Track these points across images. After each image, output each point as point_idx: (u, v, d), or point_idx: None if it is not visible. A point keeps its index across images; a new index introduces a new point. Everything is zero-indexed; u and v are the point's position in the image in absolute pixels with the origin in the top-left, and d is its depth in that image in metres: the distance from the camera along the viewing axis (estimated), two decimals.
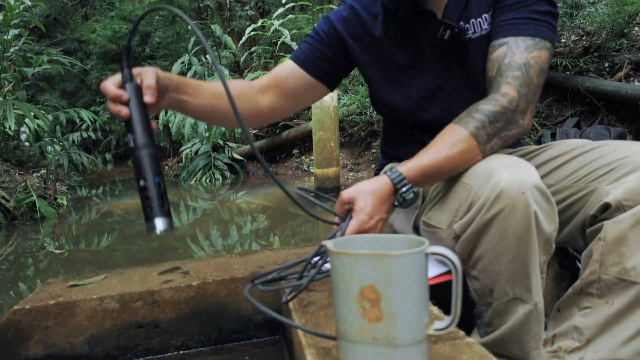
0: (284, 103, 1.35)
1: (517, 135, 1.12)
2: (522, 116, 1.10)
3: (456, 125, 1.08)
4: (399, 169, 1.05)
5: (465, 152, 1.05)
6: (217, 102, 1.21)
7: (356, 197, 1.04)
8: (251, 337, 1.31)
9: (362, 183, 1.06)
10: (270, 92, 1.34)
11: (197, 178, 6.74)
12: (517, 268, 0.99)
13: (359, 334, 0.71)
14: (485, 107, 1.08)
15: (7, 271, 2.87)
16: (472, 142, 1.05)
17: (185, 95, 1.16)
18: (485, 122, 1.06)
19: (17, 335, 1.18)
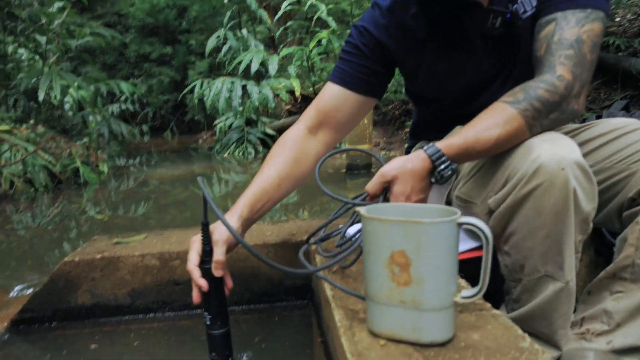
0: (339, 134, 1.26)
1: (569, 121, 1.08)
2: (576, 101, 1.03)
3: (507, 104, 1.02)
4: (438, 145, 1.02)
5: (513, 133, 1.00)
6: (285, 189, 1.17)
7: (398, 177, 1.01)
8: (281, 300, 1.37)
9: (399, 159, 1.03)
10: (323, 131, 1.24)
11: (230, 151, 6.84)
12: (551, 245, 0.98)
13: (388, 296, 0.75)
14: (540, 91, 1.01)
15: (53, 231, 3.01)
16: (520, 123, 0.99)
17: (259, 213, 1.14)
18: (539, 108, 1.00)
19: (67, 284, 1.27)
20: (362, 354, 0.74)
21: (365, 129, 4.68)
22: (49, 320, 1.31)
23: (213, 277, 0.98)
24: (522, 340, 0.76)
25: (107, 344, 1.21)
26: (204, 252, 0.98)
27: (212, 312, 1.00)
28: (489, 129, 1.00)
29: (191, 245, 1.00)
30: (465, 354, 0.73)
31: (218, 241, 1.00)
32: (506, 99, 1.03)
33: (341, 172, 4.99)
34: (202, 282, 0.98)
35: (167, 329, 1.26)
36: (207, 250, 0.98)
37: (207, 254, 0.98)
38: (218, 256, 0.99)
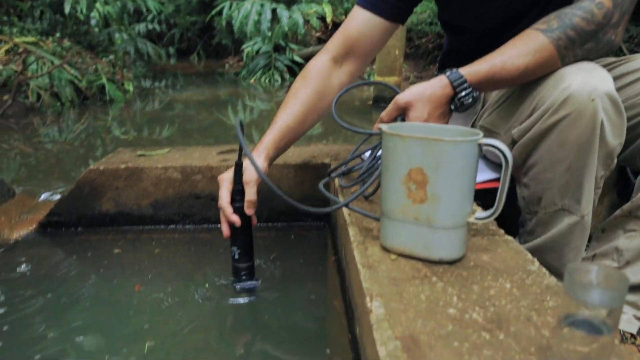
0: (363, 64, 1.23)
1: (604, 52, 1.02)
2: (614, 31, 0.97)
3: (539, 32, 0.97)
4: (461, 71, 0.99)
5: (542, 62, 0.97)
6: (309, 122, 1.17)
7: (413, 103, 0.99)
8: (298, 220, 1.40)
9: (418, 86, 1.01)
10: (348, 60, 1.21)
11: (256, 77, 6.79)
12: (571, 178, 0.97)
13: (402, 213, 0.75)
14: (576, 19, 0.96)
15: (79, 147, 3.08)
16: (552, 53, 0.95)
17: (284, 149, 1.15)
18: (573, 37, 0.96)
19: (92, 191, 1.32)
20: (372, 266, 0.76)
21: (395, 60, 4.57)
22: (74, 225, 1.36)
23: (243, 214, 1.02)
24: (530, 264, 0.77)
25: (129, 250, 1.27)
26: (235, 191, 1.02)
27: (240, 247, 1.05)
28: (517, 57, 0.97)
29: (221, 183, 1.03)
30: (474, 272, 0.74)
31: (250, 181, 1.03)
32: (539, 26, 0.98)
33: (368, 104, 4.93)
34: (235, 217, 1.01)
35: (187, 240, 1.31)
36: (239, 190, 1.02)
37: (238, 193, 1.02)
38: (250, 196, 1.03)
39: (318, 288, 1.08)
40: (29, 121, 3.75)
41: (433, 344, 0.57)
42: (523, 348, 0.56)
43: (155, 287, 1.09)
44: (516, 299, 0.67)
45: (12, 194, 1.50)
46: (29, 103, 4.03)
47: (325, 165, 1.35)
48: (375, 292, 0.68)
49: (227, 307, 1.02)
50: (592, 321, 0.47)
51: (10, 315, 0.99)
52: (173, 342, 0.91)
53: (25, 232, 1.34)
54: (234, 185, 1.02)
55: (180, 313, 0.99)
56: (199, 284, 1.10)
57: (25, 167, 2.54)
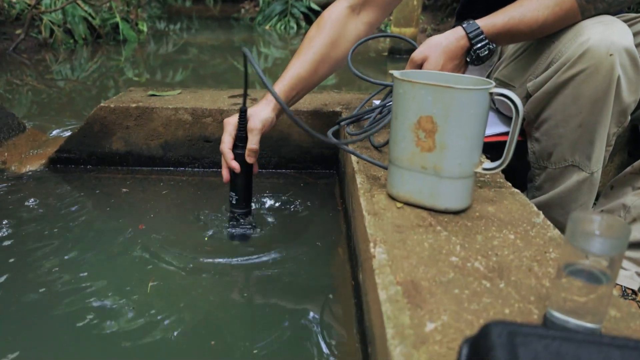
0: (383, 14, 1.19)
1: (625, 5, 1.00)
2: None
3: None
4: (478, 23, 0.97)
5: (562, 15, 0.95)
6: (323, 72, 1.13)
7: (428, 55, 0.98)
8: (307, 168, 1.40)
9: (433, 38, 1.00)
10: (367, 9, 1.16)
11: (272, 24, 6.66)
12: (583, 134, 0.96)
13: (410, 161, 0.75)
14: None
15: (91, 87, 3.07)
16: (572, 5, 0.93)
17: (295, 99, 1.11)
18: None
19: (102, 129, 1.32)
20: (377, 213, 0.76)
21: (413, 11, 4.46)
22: (84, 163, 1.37)
23: (244, 161, 1.02)
24: (535, 216, 0.77)
25: (138, 189, 1.28)
26: (239, 137, 1.01)
27: (239, 194, 1.06)
28: (537, 10, 0.94)
29: (225, 128, 1.02)
30: (478, 223, 0.74)
31: (254, 129, 1.01)
32: None
33: (383, 55, 4.84)
34: (235, 164, 1.01)
35: (195, 183, 1.32)
36: (242, 137, 1.01)
37: (241, 140, 1.01)
38: (252, 144, 1.01)
39: (324, 235, 1.09)
40: (41, 57, 3.73)
41: (434, 290, 0.57)
42: (522, 297, 0.57)
43: (160, 228, 1.10)
44: (519, 249, 0.67)
45: (22, 128, 1.51)
46: (41, 38, 4.00)
47: (337, 114, 1.34)
48: (379, 239, 0.68)
49: (230, 248, 1.04)
50: (592, 271, 0.48)
51: (16, 249, 1.01)
52: (176, 282, 0.92)
53: (35, 167, 1.35)
54: (237, 131, 1.01)
55: (183, 254, 1.00)
56: (203, 225, 1.12)
57: (37, 103, 2.55)
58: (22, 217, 1.12)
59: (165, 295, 0.89)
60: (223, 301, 0.88)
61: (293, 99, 1.09)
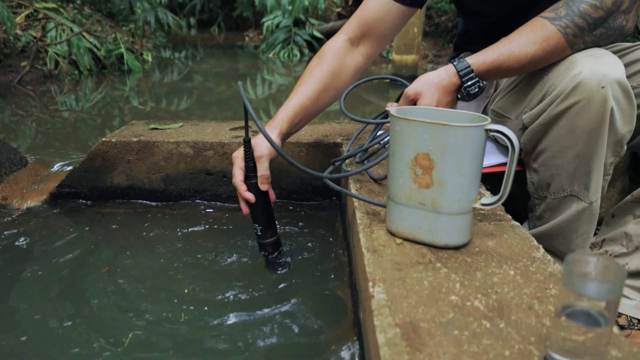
0: (380, 46, 1.22)
1: (616, 39, 1.02)
2: (625, 17, 0.97)
3: (547, 20, 0.97)
4: (469, 60, 0.99)
5: (550, 51, 0.97)
6: (323, 103, 1.16)
7: (422, 92, 1.00)
8: (309, 199, 1.40)
9: (425, 75, 1.01)
10: (364, 42, 1.19)
11: (275, 51, 6.75)
12: (580, 165, 0.97)
13: (408, 197, 0.75)
14: (584, 6, 0.95)
15: (96, 116, 3.10)
16: (560, 41, 0.95)
17: (298, 127, 1.14)
18: (580, 22, 0.95)
19: (104, 164, 1.33)
20: (377, 250, 0.76)
21: (414, 38, 4.51)
22: (85, 197, 1.38)
23: (258, 190, 1.02)
24: (536, 251, 0.76)
25: (140, 223, 1.27)
26: (248, 168, 1.01)
27: (261, 223, 1.05)
28: (525, 46, 0.96)
29: (234, 162, 1.03)
30: (478, 258, 0.74)
31: (261, 157, 1.02)
32: (547, 14, 0.98)
33: (385, 82, 4.88)
34: (249, 195, 1.01)
35: (199, 217, 1.32)
36: (251, 166, 1.01)
37: (250, 170, 1.01)
38: (263, 171, 1.02)
39: (326, 269, 1.09)
40: (46, 88, 3.78)
41: (433, 332, 0.57)
42: (523, 337, 0.56)
43: (148, 268, 1.09)
44: (519, 286, 0.67)
45: (24, 162, 1.52)
46: (47, 70, 4.06)
47: (338, 145, 1.35)
48: (378, 277, 0.68)
49: (230, 282, 1.03)
50: (590, 312, 0.47)
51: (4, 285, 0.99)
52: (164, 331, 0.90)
53: (36, 202, 1.36)
54: (245, 162, 1.02)
55: (190, 290, 1.00)
56: (209, 260, 1.11)
57: (42, 134, 2.57)
58: (15, 252, 1.11)
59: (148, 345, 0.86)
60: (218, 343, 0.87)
61: (296, 125, 1.11)
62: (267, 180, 1.03)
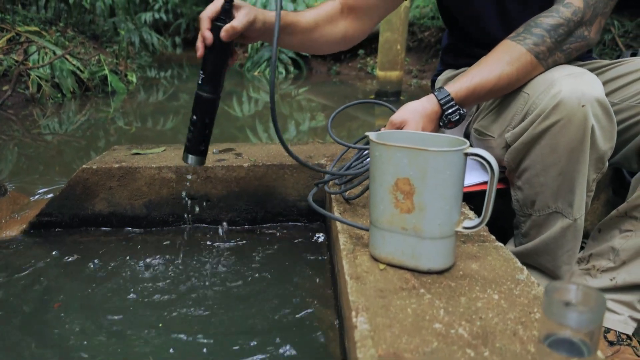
0: (363, 23, 1.27)
1: (582, 49, 1.05)
2: (587, 28, 1.02)
3: (513, 41, 1.01)
4: (448, 89, 1.02)
5: (524, 69, 1.00)
6: (310, 36, 1.20)
7: (407, 119, 1.01)
8: (294, 220, 1.39)
9: (410, 104, 1.04)
10: (351, 15, 1.26)
11: (260, 69, 6.77)
12: (563, 182, 0.98)
13: (390, 222, 0.75)
14: (545, 20, 1.00)
15: (80, 139, 3.07)
16: (531, 59, 1.00)
17: (285, 35, 1.15)
18: (545, 37, 0.99)
19: (85, 191, 1.31)
20: (360, 277, 0.75)
21: (397, 55, 4.54)
22: (66, 226, 1.35)
23: (220, 38, 0.95)
24: (519, 273, 0.76)
25: (123, 251, 1.25)
26: (223, 10, 0.95)
27: (206, 72, 0.99)
28: (496, 69, 1.00)
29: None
30: (462, 282, 0.73)
31: (243, 8, 1.00)
32: (514, 36, 1.03)
33: (370, 97, 4.91)
34: (208, 34, 0.96)
35: (182, 242, 1.30)
36: (227, 10, 0.95)
37: (225, 13, 0.95)
38: (236, 22, 0.97)
39: (311, 294, 1.07)
40: (28, 112, 3.74)
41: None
42: None
43: (139, 291, 1.07)
44: (503, 311, 0.66)
45: (3, 191, 1.49)
46: (29, 94, 4.01)
47: (322, 166, 1.34)
48: (361, 306, 0.67)
49: (217, 309, 1.02)
50: (573, 340, 0.47)
51: None
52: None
53: (15, 232, 1.33)
54: (224, 3, 0.95)
55: (164, 322, 0.98)
56: (191, 287, 1.10)
57: (25, 158, 2.54)
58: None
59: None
60: None
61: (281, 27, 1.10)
62: (233, 33, 0.97)
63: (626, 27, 4.49)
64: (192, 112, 1.03)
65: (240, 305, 1.03)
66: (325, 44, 1.25)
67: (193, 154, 1.05)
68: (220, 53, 0.98)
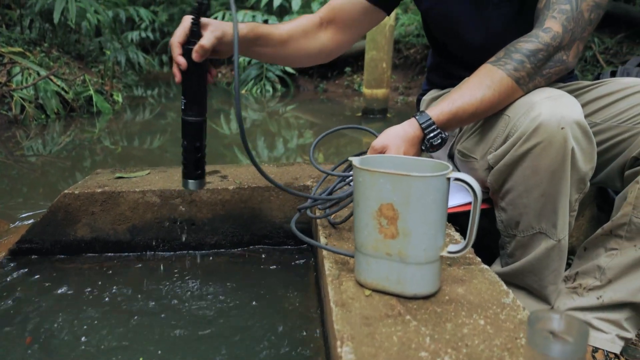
0: (344, 36, 1.29)
1: (561, 72, 1.06)
2: (565, 52, 1.03)
3: (493, 66, 1.03)
4: (429, 113, 1.03)
5: (504, 93, 1.01)
6: (285, 48, 1.22)
7: (388, 145, 1.02)
8: (281, 243, 1.38)
9: (391, 128, 1.05)
10: (331, 27, 1.28)
11: (248, 87, 6.78)
12: (546, 203, 0.99)
13: (374, 248, 0.74)
14: (524, 45, 1.02)
15: (65, 160, 3.04)
16: (511, 84, 1.01)
17: (256, 47, 1.17)
18: (525, 62, 1.01)
19: (67, 217, 1.29)
20: (345, 304, 0.74)
21: (383, 73, 4.58)
22: (47, 253, 1.32)
23: (193, 60, 0.96)
24: (505, 296, 0.75)
25: (105, 278, 1.22)
26: (192, 32, 0.96)
27: (188, 97, 0.99)
28: (477, 93, 1.01)
29: (182, 22, 0.98)
30: (448, 308, 0.73)
31: (209, 25, 0.99)
32: (494, 60, 1.04)
33: (357, 115, 4.94)
34: (181, 60, 0.96)
35: (166, 267, 1.28)
36: (195, 31, 0.96)
37: (194, 35, 0.96)
38: (204, 41, 0.97)
39: (297, 318, 1.06)
40: (11, 134, 3.69)
41: None
42: None
43: (121, 321, 1.05)
44: (489, 337, 0.66)
45: None
46: (12, 115, 3.97)
47: (307, 188, 1.33)
48: (346, 335, 0.66)
49: (203, 336, 1.00)
50: None
51: None
52: None
53: None
54: (191, 26, 0.95)
55: (147, 354, 0.96)
56: (175, 315, 1.08)
57: (8, 179, 2.51)
58: None
59: None
60: None
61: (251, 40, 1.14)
62: (204, 53, 0.97)
63: (606, 44, 4.58)
64: (182, 138, 1.03)
65: (225, 332, 1.01)
66: (302, 57, 1.27)
67: (192, 178, 1.05)
68: (197, 75, 0.99)
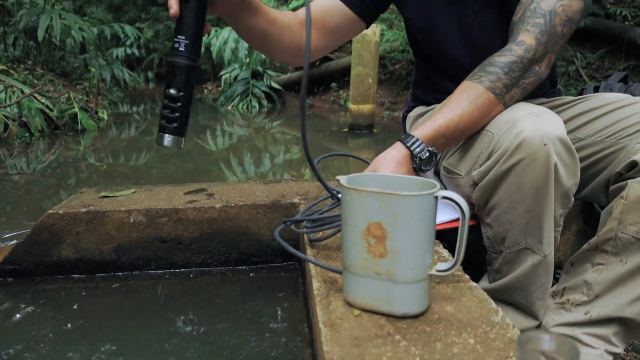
0: (323, 41, 1.30)
1: (535, 83, 1.09)
2: (538, 64, 1.07)
3: (470, 82, 1.05)
4: (414, 134, 1.04)
5: (484, 107, 1.03)
6: (270, 29, 1.19)
7: (377, 168, 1.03)
8: (268, 261, 1.37)
9: (379, 156, 1.06)
10: (313, 30, 1.27)
11: (234, 104, 6.79)
12: (531, 219, 0.99)
13: (363, 267, 0.74)
14: (498, 59, 1.05)
15: (49, 177, 3.01)
16: (489, 97, 1.03)
17: (246, 14, 1.13)
18: (500, 74, 1.04)
19: (51, 237, 1.27)
20: (334, 325, 0.73)
21: (369, 88, 4.62)
22: (31, 274, 1.29)
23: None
24: (494, 314, 0.75)
25: (90, 299, 1.21)
26: None
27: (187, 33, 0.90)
28: (457, 109, 1.03)
29: None
30: (437, 327, 0.72)
31: None
32: (470, 76, 1.07)
33: (343, 131, 4.96)
34: None
35: (152, 287, 1.26)
36: None
37: None
38: None
39: (286, 338, 1.05)
40: None
41: None
42: None
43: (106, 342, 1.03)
44: (480, 356, 0.65)
45: None
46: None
47: (295, 205, 1.33)
48: (336, 357, 0.65)
49: (185, 358, 0.98)
50: None
51: None
52: None
53: None
54: None
55: None
56: (162, 336, 1.06)
57: None
58: None
59: None
60: None
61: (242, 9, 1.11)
62: None
63: (589, 59, 4.67)
64: (170, 87, 0.91)
65: (214, 350, 0.99)
66: (282, 48, 1.24)
67: (173, 134, 0.92)
68: (199, 8, 0.89)
